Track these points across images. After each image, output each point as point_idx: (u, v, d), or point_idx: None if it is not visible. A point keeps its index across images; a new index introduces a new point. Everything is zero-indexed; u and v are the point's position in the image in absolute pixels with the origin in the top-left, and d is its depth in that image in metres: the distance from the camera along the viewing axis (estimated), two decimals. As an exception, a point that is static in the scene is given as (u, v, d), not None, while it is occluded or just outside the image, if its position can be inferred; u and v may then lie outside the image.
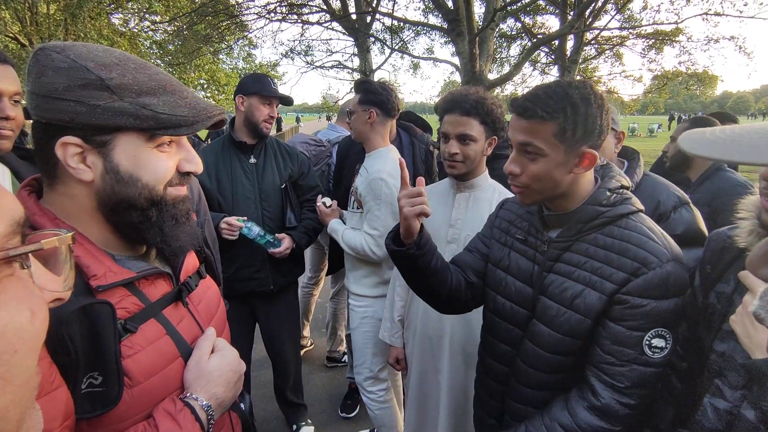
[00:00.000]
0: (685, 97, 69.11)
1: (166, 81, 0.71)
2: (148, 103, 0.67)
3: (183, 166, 0.75)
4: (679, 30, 11.51)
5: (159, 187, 0.72)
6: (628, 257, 0.97)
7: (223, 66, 16.00)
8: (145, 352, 0.71)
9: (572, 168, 1.00)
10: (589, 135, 0.97)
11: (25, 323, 0.31)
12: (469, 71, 6.94)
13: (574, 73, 11.39)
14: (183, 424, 0.69)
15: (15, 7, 9.99)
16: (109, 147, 0.67)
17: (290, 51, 12.82)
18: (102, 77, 0.64)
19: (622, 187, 1.05)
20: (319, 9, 10.70)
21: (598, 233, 1.03)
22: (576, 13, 8.41)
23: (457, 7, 6.88)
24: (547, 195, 1.05)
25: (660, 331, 0.94)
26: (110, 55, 0.67)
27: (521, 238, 1.17)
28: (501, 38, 13.82)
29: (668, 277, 0.94)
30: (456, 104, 1.50)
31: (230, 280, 2.04)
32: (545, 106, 0.95)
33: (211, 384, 0.76)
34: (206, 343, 0.80)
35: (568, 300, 1.03)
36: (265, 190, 2.08)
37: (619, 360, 0.97)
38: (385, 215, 1.89)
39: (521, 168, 1.02)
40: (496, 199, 1.59)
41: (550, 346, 1.07)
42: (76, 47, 0.66)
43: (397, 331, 1.89)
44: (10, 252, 0.30)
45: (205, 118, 0.73)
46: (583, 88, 0.97)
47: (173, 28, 11.50)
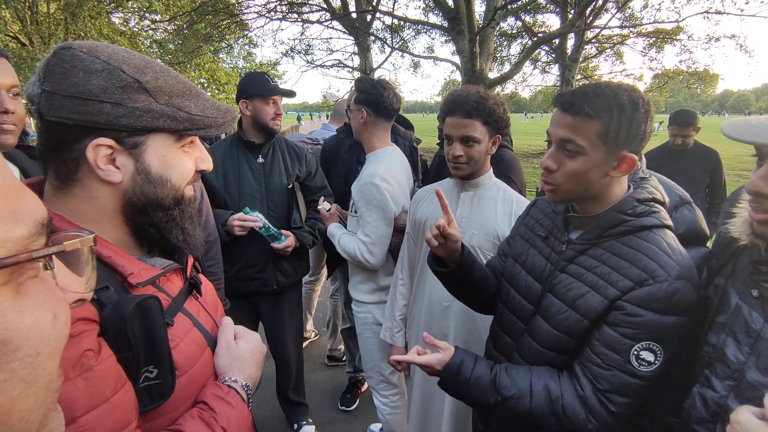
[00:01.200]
0: (686, 95, 69.23)
1: (189, 84, 0.73)
2: (182, 105, 0.69)
3: (198, 165, 0.77)
4: (679, 28, 11.52)
5: (183, 186, 0.74)
6: (638, 267, 0.96)
7: (223, 65, 16.02)
8: (185, 343, 0.74)
9: (609, 171, 0.98)
10: (632, 139, 0.95)
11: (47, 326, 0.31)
12: (469, 70, 6.94)
13: (574, 71, 11.40)
14: (234, 404, 0.75)
15: (15, 6, 10.00)
16: (142, 148, 0.68)
17: (290, 50, 12.84)
18: (139, 79, 0.65)
19: (654, 201, 1.03)
20: (319, 8, 10.71)
21: (617, 241, 1.02)
22: (577, 12, 8.40)
23: (457, 5, 6.88)
24: (577, 195, 1.03)
25: (651, 345, 0.93)
26: (136, 57, 0.68)
27: (543, 235, 1.17)
28: (501, 37, 13.81)
29: (674, 294, 0.92)
30: (457, 106, 1.49)
31: (233, 279, 2.03)
32: (592, 104, 0.93)
33: (245, 366, 0.82)
34: (229, 330, 0.86)
35: (570, 299, 1.04)
36: (271, 189, 2.09)
37: (605, 363, 0.97)
38: (377, 221, 1.82)
39: (558, 164, 1.00)
40: (501, 197, 1.60)
41: (546, 342, 1.08)
42: (101, 48, 0.66)
43: (398, 329, 1.88)
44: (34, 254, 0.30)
45: (230, 119, 0.76)
46: (633, 91, 0.96)
47: (173, 27, 11.51)
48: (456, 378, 1.10)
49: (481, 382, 1.08)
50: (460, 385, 1.10)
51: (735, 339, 0.88)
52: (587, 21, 10.18)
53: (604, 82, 0.99)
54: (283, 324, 2.29)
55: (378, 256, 1.86)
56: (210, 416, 0.71)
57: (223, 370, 0.80)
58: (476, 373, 1.09)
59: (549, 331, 1.07)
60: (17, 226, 0.29)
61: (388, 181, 1.82)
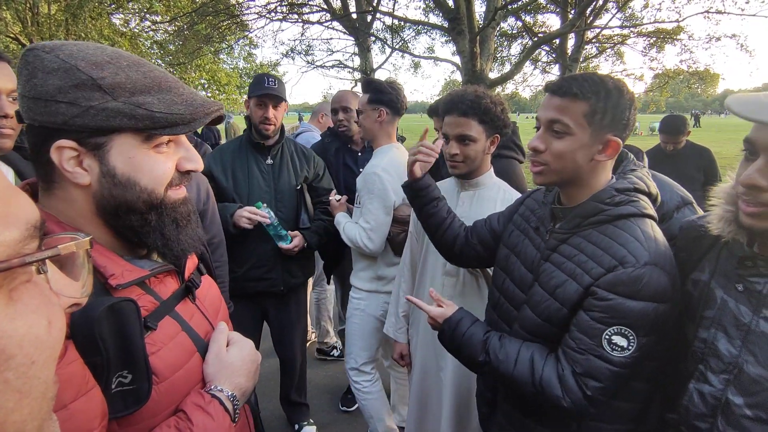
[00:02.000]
0: (687, 95, 68.98)
1: (161, 78, 0.69)
2: (143, 102, 0.65)
3: (183, 165, 0.73)
4: (680, 28, 11.49)
5: (159, 190, 0.70)
6: (609, 254, 0.99)
7: (223, 66, 16.01)
8: (168, 349, 0.72)
9: (595, 154, 1.02)
10: (616, 123, 1.00)
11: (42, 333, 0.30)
12: (469, 70, 6.93)
13: (575, 71, 11.37)
14: (215, 415, 0.71)
15: (16, 7, 10.01)
16: (105, 149, 0.65)
17: (291, 50, 12.85)
18: (93, 76, 0.62)
19: (636, 191, 1.05)
20: (319, 8, 10.72)
21: (594, 229, 1.05)
22: (577, 12, 8.40)
23: (457, 6, 6.87)
24: (565, 177, 1.06)
25: (623, 330, 0.95)
26: (102, 53, 0.65)
27: (534, 226, 1.22)
28: (502, 37, 13.80)
29: (640, 279, 0.94)
30: (454, 105, 1.52)
31: (241, 280, 2.05)
32: (580, 86, 0.99)
33: (234, 375, 0.78)
34: (221, 336, 0.83)
35: (552, 288, 1.08)
36: (280, 190, 2.11)
37: (578, 347, 1.00)
38: (377, 209, 1.95)
39: (545, 145, 1.05)
40: (501, 198, 1.61)
41: (531, 329, 1.13)
42: (66, 46, 0.64)
43: (401, 326, 1.90)
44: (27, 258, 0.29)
45: (202, 115, 0.70)
46: (618, 81, 1.03)
47: (174, 28, 11.52)
48: (452, 332, 1.18)
49: (474, 340, 1.15)
50: (455, 339, 1.18)
51: (725, 333, 0.89)
52: (587, 21, 10.16)
53: (591, 72, 1.07)
54: (290, 325, 2.30)
55: (376, 242, 1.98)
56: (186, 426, 0.68)
57: (210, 377, 0.77)
58: (471, 331, 1.17)
59: (533, 319, 1.11)
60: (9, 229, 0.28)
61: (390, 172, 1.94)
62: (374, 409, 2.20)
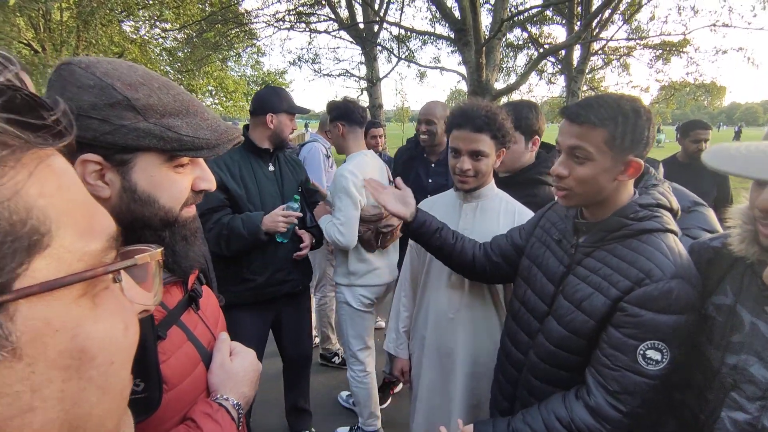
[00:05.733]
0: (693, 107, 68.99)
1: (189, 102, 0.71)
2: (173, 125, 0.68)
3: (198, 185, 0.75)
4: (686, 41, 11.51)
5: (176, 208, 0.72)
6: (636, 267, 1.00)
7: (231, 73, 16.18)
8: (176, 357, 0.74)
9: (617, 175, 1.04)
10: (636, 144, 1.01)
11: (119, 336, 0.33)
12: (475, 80, 6.96)
13: (580, 83, 11.39)
14: (223, 424, 0.73)
15: (29, 14, 10.18)
16: (129, 166, 0.67)
17: (298, 59, 12.96)
18: (128, 97, 0.64)
19: (659, 206, 1.07)
20: (327, 18, 10.83)
21: (619, 243, 1.07)
22: (583, 24, 8.43)
23: (464, 17, 6.92)
24: (589, 199, 1.09)
25: (656, 344, 0.96)
26: (135, 74, 0.67)
27: (556, 239, 1.24)
28: (507, 48, 13.87)
29: (670, 293, 0.95)
30: (467, 120, 1.49)
31: (264, 286, 2.07)
32: (598, 113, 1.00)
33: (238, 384, 0.80)
34: (225, 346, 0.85)
35: (577, 301, 1.09)
36: (287, 195, 2.16)
37: (613, 364, 1.01)
38: (346, 205, 2.15)
39: (569, 171, 1.07)
40: (503, 208, 1.61)
41: (557, 341, 1.14)
42: (101, 64, 0.66)
43: (402, 342, 1.88)
44: (110, 267, 0.31)
45: (226, 140, 0.73)
46: (634, 101, 1.03)
47: (183, 35, 11.67)
48: None
49: None
50: None
51: (759, 357, 0.87)
52: (593, 33, 10.21)
53: (607, 93, 1.07)
54: (305, 324, 2.39)
55: (347, 235, 2.17)
56: None
57: (215, 387, 0.79)
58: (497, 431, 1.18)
59: (559, 330, 1.12)
60: (93, 241, 0.31)
61: (356, 174, 2.16)
62: (364, 397, 2.47)
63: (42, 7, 9.61)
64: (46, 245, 0.27)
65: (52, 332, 0.27)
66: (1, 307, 0.25)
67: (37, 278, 0.26)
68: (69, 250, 0.28)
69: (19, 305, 0.25)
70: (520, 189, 1.79)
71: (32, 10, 9.69)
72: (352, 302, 2.37)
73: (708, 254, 1.04)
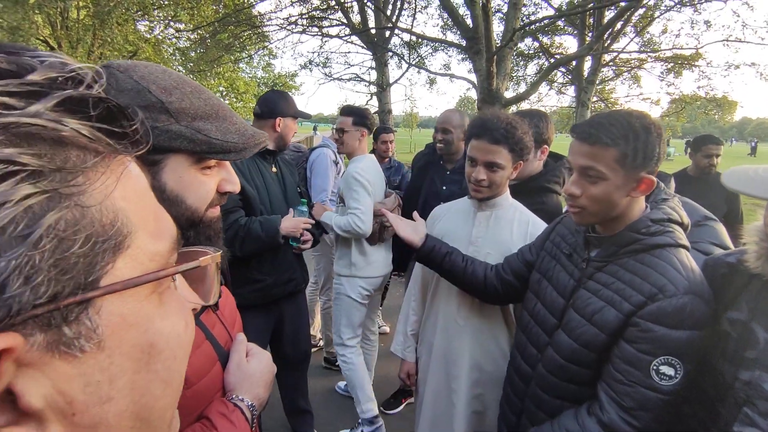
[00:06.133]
0: (703, 121, 68.48)
1: (219, 106, 0.74)
2: (203, 128, 0.70)
3: (223, 186, 0.77)
4: (698, 55, 11.46)
5: (202, 209, 0.74)
6: (649, 282, 1.01)
7: (242, 74, 16.31)
8: (195, 356, 0.74)
9: (630, 191, 1.05)
10: (648, 161, 1.02)
11: (181, 332, 0.35)
12: (485, 89, 6.97)
13: (590, 93, 11.37)
14: (237, 424, 0.74)
15: (48, 11, 10.35)
16: (160, 166, 0.69)
17: (309, 62, 13.04)
18: (162, 100, 0.67)
19: (670, 221, 1.07)
20: (339, 23, 10.90)
21: (631, 258, 1.07)
22: (594, 36, 8.44)
23: (476, 25, 6.95)
24: (602, 216, 1.10)
25: (670, 360, 0.97)
26: (169, 78, 0.70)
27: (567, 253, 1.24)
28: (518, 57, 13.88)
29: (683, 308, 0.95)
30: (486, 131, 1.49)
31: (272, 286, 2.11)
32: (608, 132, 1.01)
33: (253, 385, 0.82)
34: (242, 347, 0.86)
35: (589, 314, 1.09)
36: (289, 196, 2.22)
37: (627, 380, 1.01)
38: (363, 195, 2.42)
39: (582, 190, 1.07)
40: (517, 218, 1.61)
41: (567, 354, 1.14)
42: (138, 68, 0.69)
43: (409, 345, 1.90)
44: (179, 268, 0.34)
45: (252, 145, 0.75)
46: (643, 117, 1.04)
47: (197, 36, 11.80)
48: None
49: None
50: None
51: None
52: (605, 44, 10.20)
53: (615, 111, 1.07)
54: (304, 322, 2.43)
55: (367, 222, 2.41)
56: None
57: (231, 387, 0.80)
58: None
59: (570, 344, 1.12)
60: (161, 242, 0.33)
61: (367, 172, 2.47)
62: (357, 378, 2.63)
63: (60, 5, 9.76)
64: (128, 246, 0.29)
65: (128, 327, 0.29)
66: (90, 303, 0.27)
67: (119, 276, 0.28)
68: (143, 251, 0.30)
69: (104, 301, 0.27)
70: (529, 197, 1.80)
71: (51, 8, 9.85)
72: (351, 294, 2.57)
73: (723, 269, 1.04)
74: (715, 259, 1.10)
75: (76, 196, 0.26)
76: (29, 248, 0.23)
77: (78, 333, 0.26)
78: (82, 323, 0.26)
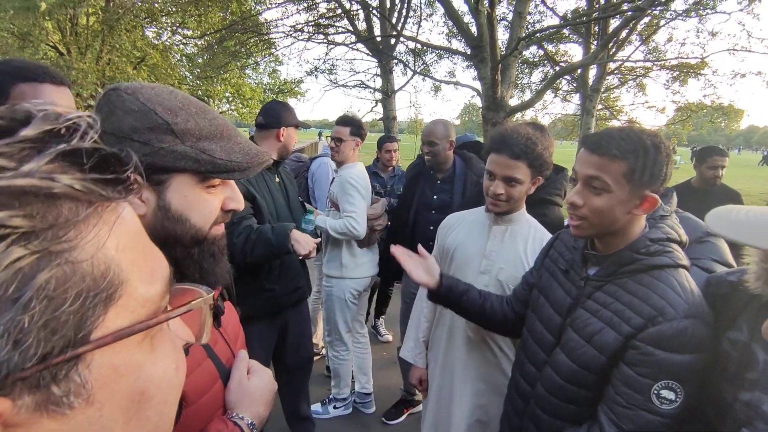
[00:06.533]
0: (709, 129, 68.19)
1: (223, 126, 0.75)
2: (207, 148, 0.71)
3: (227, 204, 0.78)
4: (704, 63, 11.44)
5: (206, 227, 0.75)
6: (648, 304, 1.00)
7: (248, 80, 16.42)
8: (195, 374, 0.75)
9: (632, 208, 1.04)
10: (654, 180, 1.02)
11: (172, 375, 0.34)
12: (490, 97, 6.98)
13: (595, 101, 11.36)
14: None
15: (58, 18, 10.48)
16: (165, 186, 0.70)
17: (315, 69, 13.11)
18: (168, 121, 0.68)
19: (669, 240, 1.07)
20: (345, 30, 10.98)
21: (630, 278, 1.06)
22: (600, 44, 8.44)
23: (480, 33, 6.98)
24: (602, 230, 1.09)
25: (670, 384, 0.95)
26: (175, 99, 0.72)
27: (563, 269, 1.23)
28: (523, 64, 13.90)
29: (683, 332, 0.95)
30: (506, 146, 1.47)
31: (280, 295, 2.12)
32: (619, 145, 1.01)
33: (254, 404, 0.81)
34: (243, 364, 0.86)
35: (588, 335, 1.08)
36: (292, 205, 2.25)
37: (627, 403, 0.99)
38: (358, 199, 2.57)
39: (584, 200, 1.07)
40: (532, 235, 1.61)
41: (566, 375, 1.12)
42: (144, 90, 0.70)
43: (420, 351, 1.90)
44: (170, 315, 0.33)
45: (256, 164, 0.76)
46: (655, 136, 1.04)
47: (204, 42, 11.91)
48: None
49: None
50: None
51: None
52: (610, 53, 10.20)
53: (628, 127, 1.07)
54: (307, 328, 2.44)
55: (362, 224, 2.55)
56: None
57: (232, 405, 0.79)
58: None
59: (569, 365, 1.11)
60: (153, 285, 0.32)
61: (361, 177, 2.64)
62: (343, 372, 2.91)
63: (70, 12, 9.89)
64: (119, 296, 0.28)
65: (119, 377, 0.29)
66: (80, 358, 0.26)
67: (110, 328, 0.28)
68: (135, 298, 0.30)
69: (94, 355, 0.27)
70: (530, 209, 1.80)
71: (61, 14, 9.98)
72: (341, 295, 2.74)
73: (724, 288, 1.04)
74: (718, 278, 1.09)
75: (68, 252, 0.25)
76: (18, 312, 0.23)
77: (67, 390, 0.26)
78: (71, 380, 0.26)
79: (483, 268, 1.62)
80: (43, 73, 1.25)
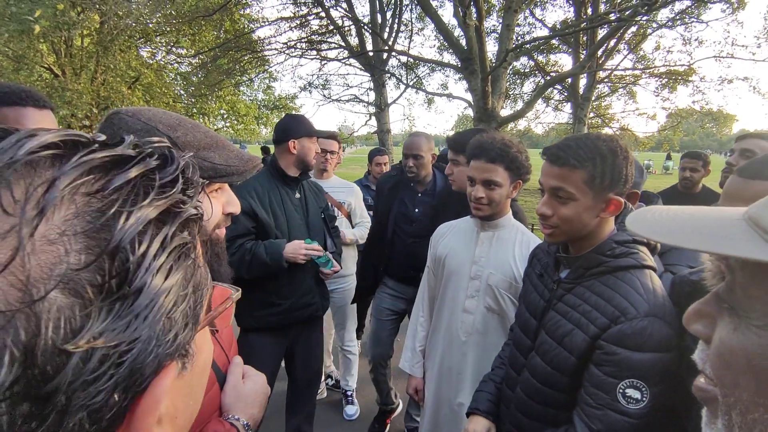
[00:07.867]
0: (701, 135, 68.94)
1: (216, 138, 0.84)
2: (207, 156, 0.80)
3: (226, 208, 0.85)
4: (692, 70, 11.64)
5: (209, 228, 0.81)
6: (612, 305, 1.02)
7: (242, 97, 16.55)
8: None
9: (599, 212, 1.08)
10: (615, 183, 1.05)
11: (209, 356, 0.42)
12: (481, 108, 7.07)
13: (587, 110, 11.52)
14: None
15: (52, 40, 10.58)
16: None
17: (308, 84, 13.27)
18: (170, 136, 0.76)
19: (635, 242, 1.09)
20: (337, 45, 11.14)
21: (597, 280, 1.09)
22: (588, 54, 8.59)
23: (470, 46, 7.10)
24: (574, 235, 1.12)
25: (635, 383, 0.97)
26: (171, 117, 0.80)
27: (538, 273, 1.27)
28: (514, 75, 14.09)
29: (643, 331, 0.97)
30: (483, 151, 1.57)
31: (288, 311, 2.10)
32: (576, 155, 1.04)
33: (249, 406, 0.86)
34: (238, 369, 0.90)
35: (559, 337, 1.11)
36: (311, 222, 2.22)
37: (596, 403, 1.01)
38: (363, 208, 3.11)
39: (552, 210, 1.11)
40: (519, 239, 1.65)
41: (542, 378, 1.14)
42: (144, 111, 0.78)
43: (417, 361, 1.92)
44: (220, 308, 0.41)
45: (251, 167, 0.85)
46: (611, 141, 1.07)
47: (198, 61, 12.05)
48: None
49: None
50: None
51: None
52: (599, 62, 10.38)
53: (584, 135, 1.11)
54: (317, 344, 2.39)
55: None
56: None
57: (228, 407, 0.83)
58: None
59: (543, 367, 1.14)
60: None
61: None
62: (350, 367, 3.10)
63: (65, 34, 10.00)
64: None
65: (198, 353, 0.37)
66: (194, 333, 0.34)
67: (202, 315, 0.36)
68: None
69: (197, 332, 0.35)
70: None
71: (55, 36, 10.08)
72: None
73: (688, 287, 1.06)
74: (681, 278, 1.12)
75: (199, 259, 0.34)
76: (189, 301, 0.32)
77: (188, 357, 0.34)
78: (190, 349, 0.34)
79: (473, 274, 1.66)
80: (26, 97, 1.26)
